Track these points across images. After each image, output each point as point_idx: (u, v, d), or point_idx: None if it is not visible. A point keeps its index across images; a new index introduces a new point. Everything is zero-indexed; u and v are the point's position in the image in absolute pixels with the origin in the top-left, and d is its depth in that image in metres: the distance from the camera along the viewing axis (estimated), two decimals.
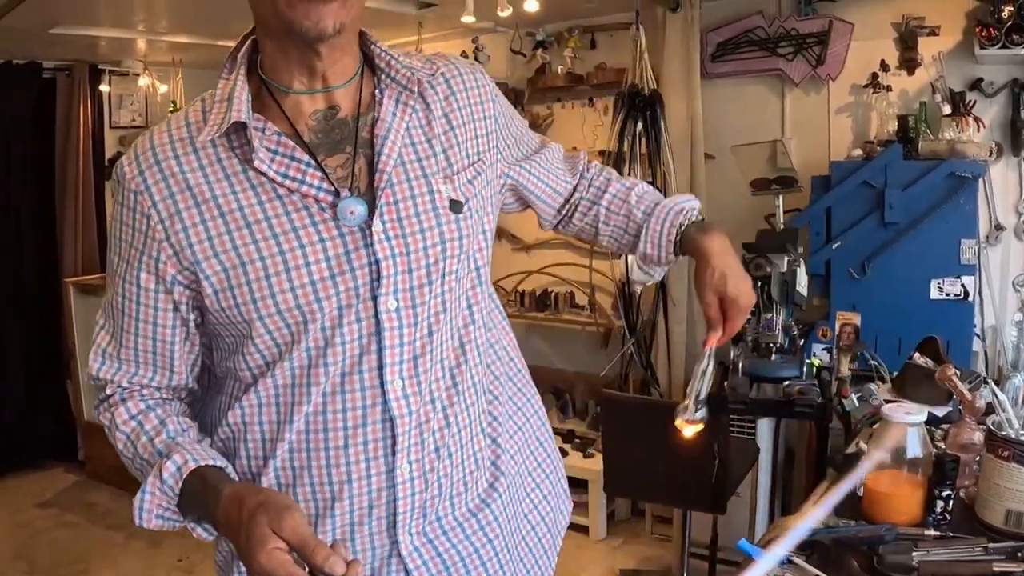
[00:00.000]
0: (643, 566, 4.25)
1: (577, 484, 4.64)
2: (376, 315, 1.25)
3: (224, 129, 1.20)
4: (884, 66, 4.22)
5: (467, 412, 1.40)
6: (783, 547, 1.34)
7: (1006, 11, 3.63)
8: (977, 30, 3.78)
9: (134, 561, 4.71)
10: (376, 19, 5.03)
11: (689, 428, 1.49)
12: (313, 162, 1.23)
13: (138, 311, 1.29)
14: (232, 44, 1.30)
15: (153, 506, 1.23)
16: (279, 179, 1.21)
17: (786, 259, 3.19)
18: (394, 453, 1.28)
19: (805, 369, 2.92)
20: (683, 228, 1.56)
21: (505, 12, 4.08)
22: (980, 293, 3.92)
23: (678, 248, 1.58)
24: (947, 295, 3.86)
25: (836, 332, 3.76)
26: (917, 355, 2.64)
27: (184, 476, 1.20)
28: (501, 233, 5.60)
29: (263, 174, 1.21)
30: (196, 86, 6.07)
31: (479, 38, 5.36)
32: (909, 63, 4.14)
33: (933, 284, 3.87)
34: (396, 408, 1.27)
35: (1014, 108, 3.97)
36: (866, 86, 4.29)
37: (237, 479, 1.28)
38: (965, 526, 1.77)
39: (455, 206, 1.32)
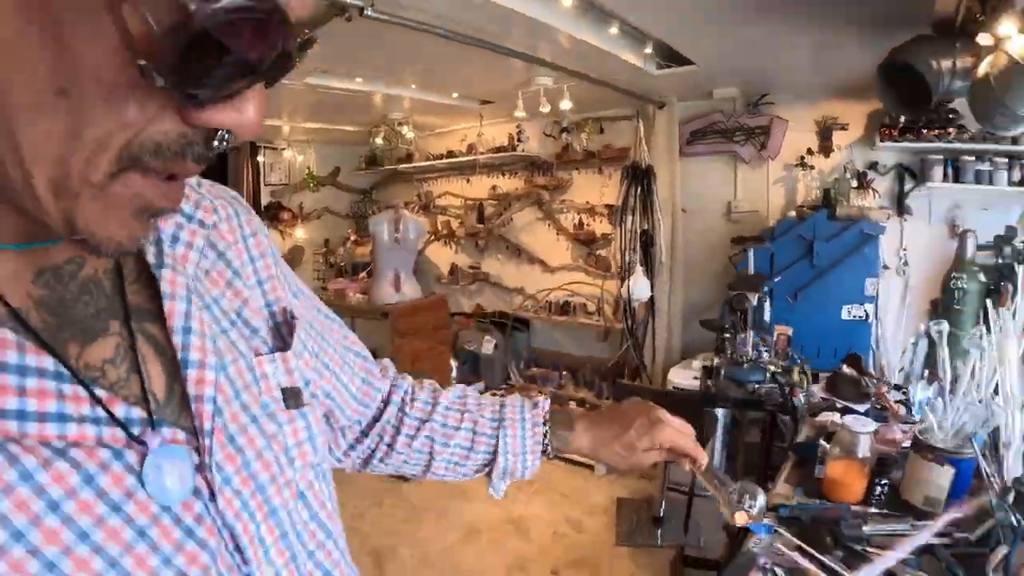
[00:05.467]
0: (633, 495, 4.23)
1: None
2: None
3: None
4: (809, 151, 4.29)
5: None
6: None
7: (902, 119, 3.78)
8: (881, 129, 3.91)
9: None
10: (448, 111, 5.06)
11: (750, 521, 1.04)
12: (67, 368, 0.49)
13: None
14: (350, 128, 0.72)
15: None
16: (12, 432, 0.45)
17: (757, 296, 3.23)
18: None
19: (765, 375, 2.92)
20: (547, 432, 0.99)
21: (545, 109, 4.26)
22: (876, 316, 3.94)
23: (548, 451, 1.01)
24: (854, 317, 3.89)
25: (774, 340, 3.76)
26: (844, 366, 2.61)
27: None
28: (533, 259, 5.67)
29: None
30: (324, 155, 6.48)
31: (521, 124, 5.42)
32: (826, 149, 4.26)
33: (844, 309, 3.91)
34: None
35: (899, 183, 4.06)
36: (796, 165, 4.34)
37: None
38: (894, 504, 1.74)
39: (291, 398, 0.65)
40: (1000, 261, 3.76)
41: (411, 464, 0.97)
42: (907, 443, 1.91)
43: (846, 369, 2.61)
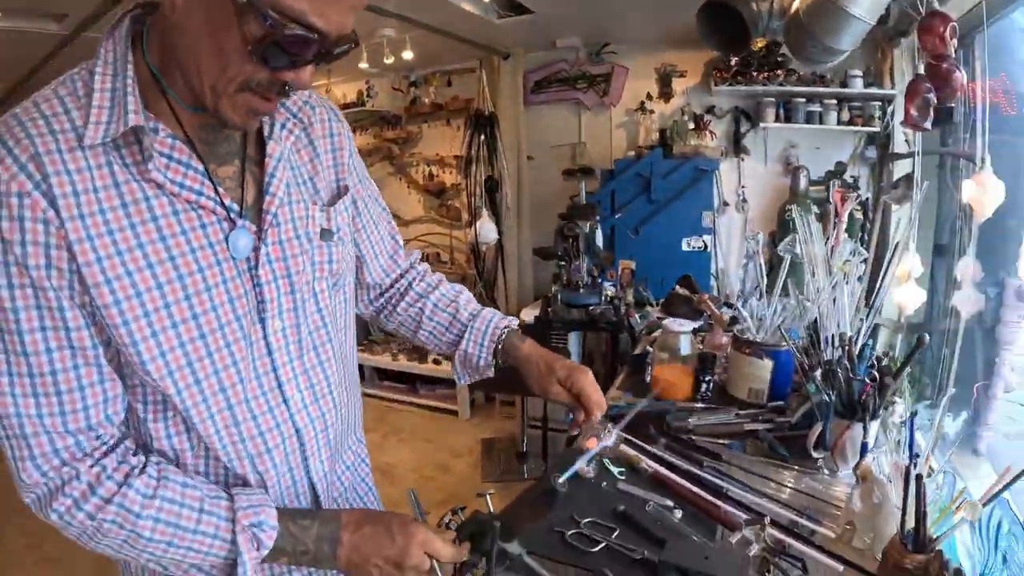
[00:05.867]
0: (496, 435, 4.19)
1: (448, 382, 4.68)
2: (265, 337, 0.88)
3: (117, 133, 0.74)
4: (649, 96, 4.30)
5: (349, 407, 1.07)
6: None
7: (733, 61, 3.83)
8: (714, 72, 3.95)
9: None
10: None
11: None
12: (207, 173, 0.82)
13: (59, 337, 0.75)
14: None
15: (253, 572, 0.85)
16: (176, 190, 0.79)
17: (588, 224, 3.21)
18: (305, 459, 0.97)
19: (602, 298, 2.91)
20: (504, 336, 1.18)
21: (389, 60, 4.08)
22: (714, 247, 4.02)
23: (499, 353, 1.18)
24: (693, 248, 3.97)
25: (619, 274, 3.77)
26: (678, 287, 2.62)
27: (276, 529, 0.86)
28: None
29: (158, 184, 0.78)
30: None
31: (371, 80, 5.18)
32: (666, 95, 4.28)
33: (684, 241, 3.98)
34: (300, 420, 0.94)
35: (736, 125, 4.13)
36: (636, 110, 4.35)
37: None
38: (722, 400, 1.74)
39: (325, 235, 0.96)
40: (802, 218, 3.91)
41: (404, 327, 1.25)
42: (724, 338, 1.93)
43: (680, 289, 2.62)
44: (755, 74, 3.85)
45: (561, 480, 0.89)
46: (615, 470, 1.34)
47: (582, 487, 1.29)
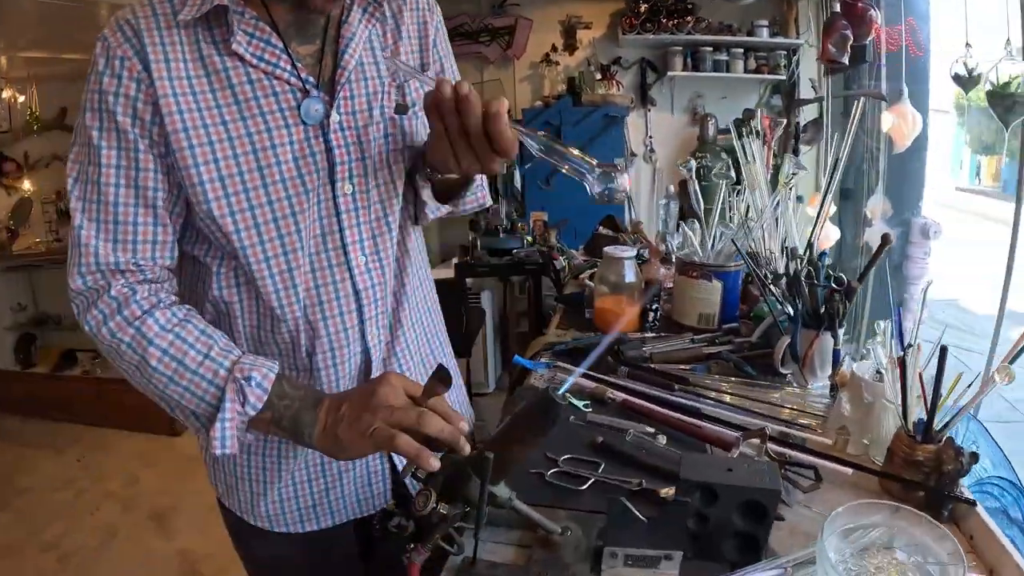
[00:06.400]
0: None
1: None
2: (334, 198, 0.93)
3: (205, 11, 0.83)
4: (554, 48, 4.20)
5: (413, 283, 1.08)
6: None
7: (643, 7, 3.79)
8: (622, 20, 3.87)
9: (44, 466, 3.63)
10: None
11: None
12: (286, 50, 0.88)
13: (129, 175, 0.86)
14: (78, 56, 0.83)
15: (234, 430, 0.85)
16: (253, 61, 0.87)
17: (504, 165, 3.10)
18: (362, 321, 0.98)
19: (523, 242, 2.81)
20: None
21: None
22: (627, 196, 3.92)
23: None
24: None
25: (531, 226, 3.66)
26: (601, 228, 2.51)
27: (267, 393, 0.85)
28: None
29: (238, 56, 0.86)
30: (49, 93, 4.97)
31: None
32: (571, 47, 4.19)
33: None
34: (361, 282, 0.96)
35: (642, 76, 4.08)
36: (541, 63, 4.24)
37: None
38: (670, 328, 1.62)
39: (400, 108, 0.98)
40: (739, 141, 3.92)
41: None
42: (669, 283, 1.81)
43: (603, 230, 2.51)
44: (664, 21, 3.78)
45: (561, 392, 0.71)
46: (579, 403, 1.19)
47: None
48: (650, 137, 4.14)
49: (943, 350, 0.85)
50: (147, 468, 3.52)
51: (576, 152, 0.83)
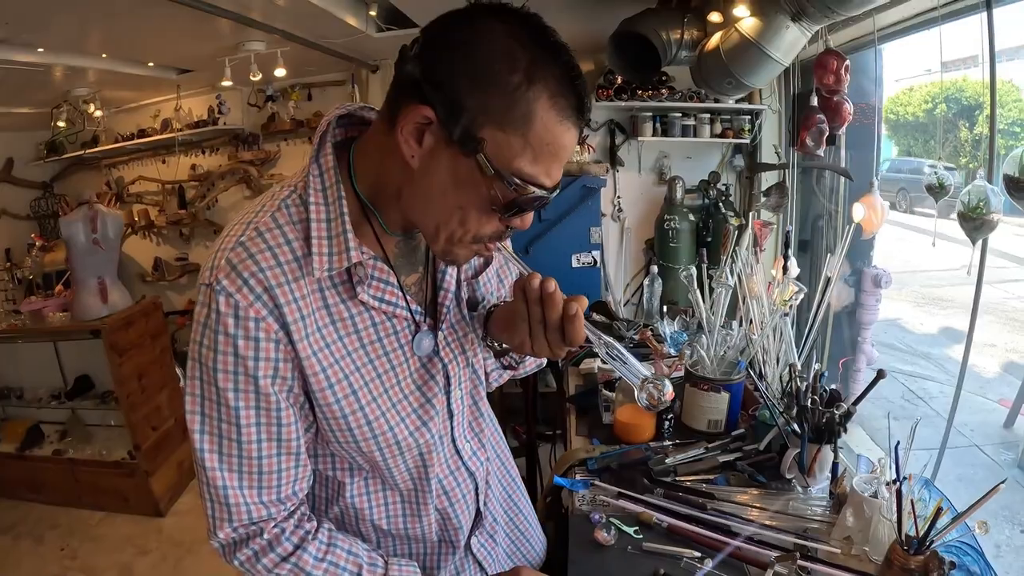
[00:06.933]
0: None
1: None
2: (449, 405, 1.07)
3: (340, 268, 0.88)
4: None
5: (495, 446, 1.29)
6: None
7: (619, 80, 4.02)
8: (597, 90, 4.06)
9: (28, 560, 3.38)
10: (140, 83, 4.35)
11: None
12: (399, 285, 0.96)
13: (271, 431, 0.90)
14: (27, 111, 0.80)
15: None
16: (376, 304, 0.93)
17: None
18: (477, 493, 1.18)
19: None
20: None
21: (257, 77, 3.71)
22: (603, 262, 4.19)
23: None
24: (583, 264, 4.08)
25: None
26: (594, 314, 2.69)
27: None
28: None
29: (362, 302, 0.92)
30: None
31: (222, 95, 4.80)
32: None
33: (573, 257, 4.08)
34: (471, 464, 1.15)
35: (611, 137, 4.31)
36: None
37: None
38: (680, 433, 1.82)
39: (471, 304, 1.11)
40: (706, 202, 4.19)
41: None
42: (674, 374, 2.01)
43: (596, 317, 2.70)
44: (640, 92, 4.03)
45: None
46: (630, 530, 1.38)
47: (609, 555, 1.31)
48: (619, 197, 4.35)
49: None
50: (141, 556, 3.36)
51: (634, 360, 0.93)
